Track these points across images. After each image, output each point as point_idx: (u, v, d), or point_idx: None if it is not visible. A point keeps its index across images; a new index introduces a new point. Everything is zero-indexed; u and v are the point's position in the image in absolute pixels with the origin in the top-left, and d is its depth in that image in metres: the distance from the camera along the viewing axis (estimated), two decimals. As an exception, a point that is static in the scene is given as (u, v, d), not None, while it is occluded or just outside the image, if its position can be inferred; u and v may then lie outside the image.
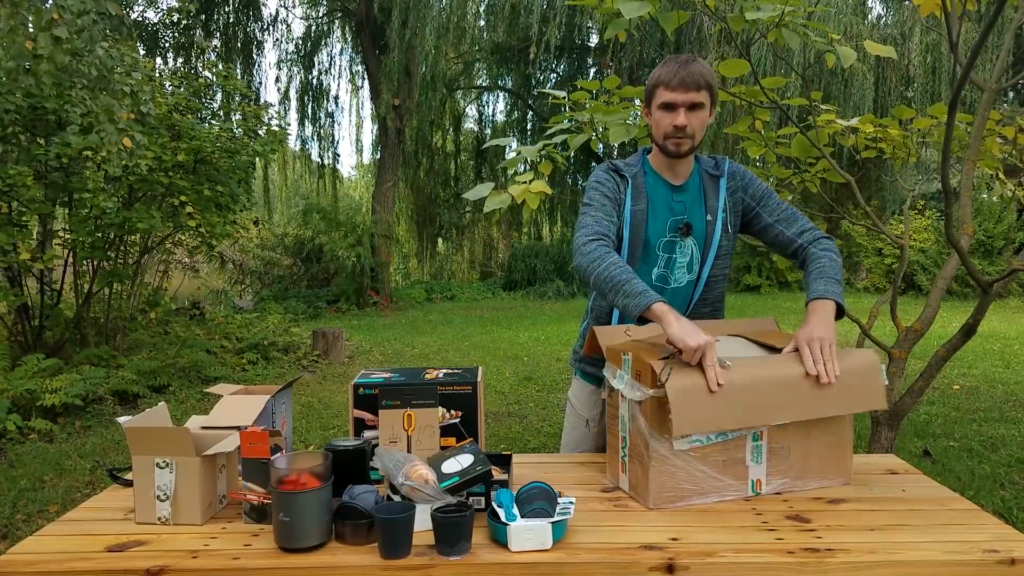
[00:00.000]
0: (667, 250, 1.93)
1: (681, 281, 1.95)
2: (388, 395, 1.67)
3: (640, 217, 1.89)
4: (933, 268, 13.73)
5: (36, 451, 4.43)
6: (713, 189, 1.94)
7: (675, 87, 1.81)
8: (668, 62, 1.84)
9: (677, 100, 1.81)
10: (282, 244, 14.17)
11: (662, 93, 1.83)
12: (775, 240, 1.96)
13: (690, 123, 1.83)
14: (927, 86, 12.30)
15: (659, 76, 1.84)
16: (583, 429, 2.08)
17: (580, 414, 2.09)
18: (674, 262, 1.94)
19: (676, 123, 1.82)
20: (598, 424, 2.06)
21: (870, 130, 3.20)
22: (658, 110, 1.85)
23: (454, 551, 1.28)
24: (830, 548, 1.30)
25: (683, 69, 1.81)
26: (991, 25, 2.14)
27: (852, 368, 1.58)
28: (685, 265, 1.94)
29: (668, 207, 1.93)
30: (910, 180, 13.21)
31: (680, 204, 1.93)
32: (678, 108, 1.82)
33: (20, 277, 5.81)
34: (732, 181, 1.96)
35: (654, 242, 1.92)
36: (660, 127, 1.86)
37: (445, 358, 7.84)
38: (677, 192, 1.94)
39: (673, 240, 1.93)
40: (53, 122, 5.17)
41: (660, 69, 1.85)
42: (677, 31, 11.44)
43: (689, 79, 1.80)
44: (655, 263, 1.93)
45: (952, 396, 5.76)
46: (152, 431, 1.46)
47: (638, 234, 1.90)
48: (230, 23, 14.15)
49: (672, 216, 1.92)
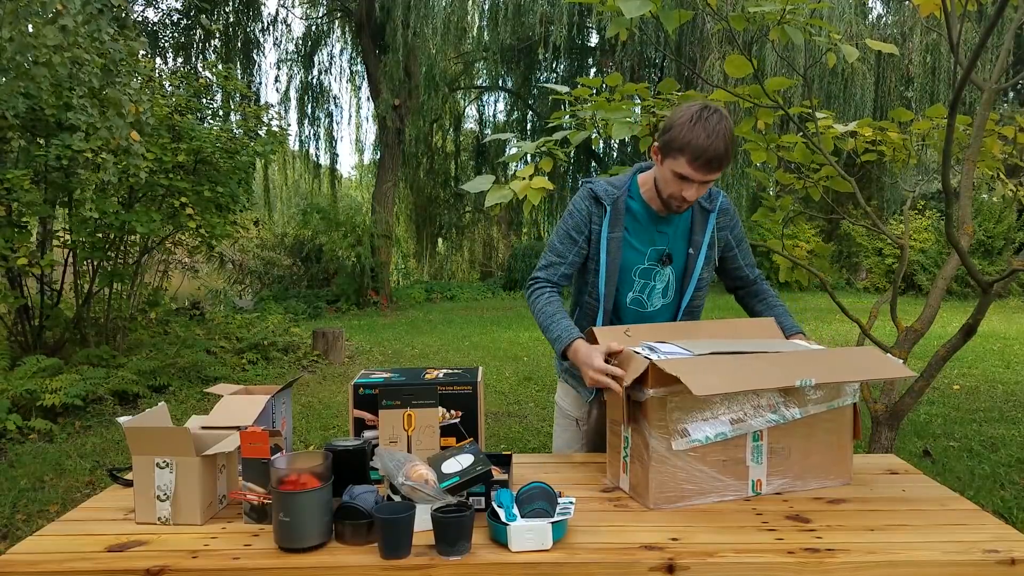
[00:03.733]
0: (644, 276, 1.94)
1: (656, 306, 1.96)
2: (388, 395, 1.67)
3: (616, 244, 1.89)
4: (933, 268, 13.73)
5: (36, 451, 4.43)
6: (701, 223, 1.92)
7: (700, 167, 1.70)
8: (697, 124, 1.68)
9: (697, 179, 1.73)
10: (282, 244, 14.18)
11: (684, 165, 1.71)
12: (741, 277, 2.07)
13: (697, 195, 1.79)
14: (927, 86, 12.30)
15: (688, 143, 1.68)
16: (574, 429, 2.09)
17: (569, 414, 2.10)
18: (651, 288, 1.95)
19: (687, 196, 1.77)
20: (587, 423, 2.07)
21: (869, 133, 3.20)
22: (672, 173, 1.75)
23: (454, 551, 1.28)
24: (830, 548, 1.30)
25: (712, 147, 1.67)
26: (992, 25, 2.13)
27: (865, 352, 1.63)
28: (661, 291, 1.96)
29: (651, 238, 1.92)
30: (910, 180, 13.22)
31: (663, 236, 1.93)
32: (693, 183, 1.74)
33: (20, 278, 5.81)
34: (722, 218, 1.97)
35: (631, 268, 1.93)
36: (668, 187, 1.78)
37: (445, 358, 7.84)
38: (663, 223, 1.92)
39: (651, 268, 1.94)
40: (53, 123, 5.17)
41: (688, 132, 1.68)
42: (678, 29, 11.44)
43: (715, 162, 1.69)
44: (631, 287, 1.95)
45: (952, 396, 5.76)
46: (152, 431, 1.46)
47: (614, 260, 1.90)
48: (230, 23, 14.15)
49: (654, 246, 1.93)
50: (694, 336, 1.75)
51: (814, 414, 1.59)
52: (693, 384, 1.37)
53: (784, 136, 3.13)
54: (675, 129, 1.72)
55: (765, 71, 10.54)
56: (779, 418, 1.55)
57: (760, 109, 2.96)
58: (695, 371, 1.42)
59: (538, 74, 16.57)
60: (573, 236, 1.92)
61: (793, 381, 1.48)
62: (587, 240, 1.92)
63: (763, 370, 1.51)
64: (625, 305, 1.95)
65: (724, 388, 1.41)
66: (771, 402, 1.55)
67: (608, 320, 1.94)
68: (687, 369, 1.42)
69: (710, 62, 11.63)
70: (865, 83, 12.13)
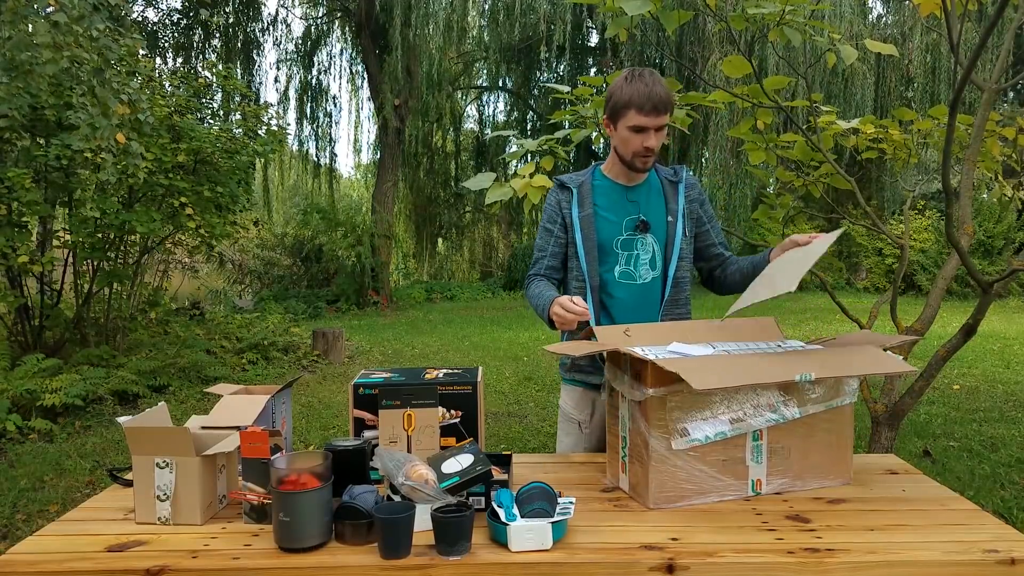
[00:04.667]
0: (627, 248, 1.98)
1: (647, 278, 1.99)
2: (388, 395, 1.67)
3: (587, 222, 1.98)
4: (933, 268, 13.74)
5: (36, 451, 4.43)
6: (673, 193, 2.02)
7: (648, 112, 1.84)
8: (633, 80, 1.86)
9: (649, 124, 1.86)
10: (282, 244, 14.18)
11: (634, 116, 1.86)
12: (714, 256, 2.11)
13: (657, 143, 1.90)
14: (927, 86, 12.30)
15: (629, 98, 1.85)
16: (577, 433, 2.09)
17: (572, 417, 2.10)
18: (636, 259, 1.98)
19: (648, 145, 1.88)
20: (590, 425, 2.08)
21: (871, 131, 3.20)
22: (627, 130, 1.89)
23: (454, 551, 1.28)
24: (830, 548, 1.30)
25: (654, 92, 1.83)
26: (992, 25, 2.13)
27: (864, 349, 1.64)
28: (648, 262, 1.99)
29: (623, 206, 1.99)
30: (910, 180, 13.22)
31: (635, 204, 1.99)
32: (648, 131, 1.87)
33: (20, 278, 5.81)
34: (690, 191, 2.05)
35: (610, 242, 1.98)
36: (629, 146, 1.91)
37: (445, 358, 7.84)
38: (631, 191, 2.00)
39: (631, 238, 1.98)
40: (53, 123, 5.17)
41: (627, 88, 1.86)
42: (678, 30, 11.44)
43: (660, 105, 1.84)
44: (616, 261, 1.98)
45: (952, 396, 5.76)
46: (152, 431, 1.46)
47: (589, 237, 1.98)
48: (230, 23, 14.15)
49: (628, 214, 1.98)
50: (694, 337, 1.75)
51: (813, 414, 1.59)
52: (692, 379, 1.37)
53: (784, 135, 3.13)
54: (616, 94, 1.89)
55: (767, 72, 10.54)
56: (779, 417, 1.55)
57: (759, 109, 2.96)
58: (694, 368, 1.42)
59: (538, 74, 16.56)
60: (548, 227, 2.04)
61: (793, 376, 1.48)
62: (563, 228, 2.02)
63: (762, 366, 1.51)
64: (615, 280, 1.98)
65: (723, 383, 1.41)
66: (770, 401, 1.55)
67: (598, 299, 1.99)
68: (686, 366, 1.42)
69: (711, 62, 11.63)
70: (865, 83, 12.13)
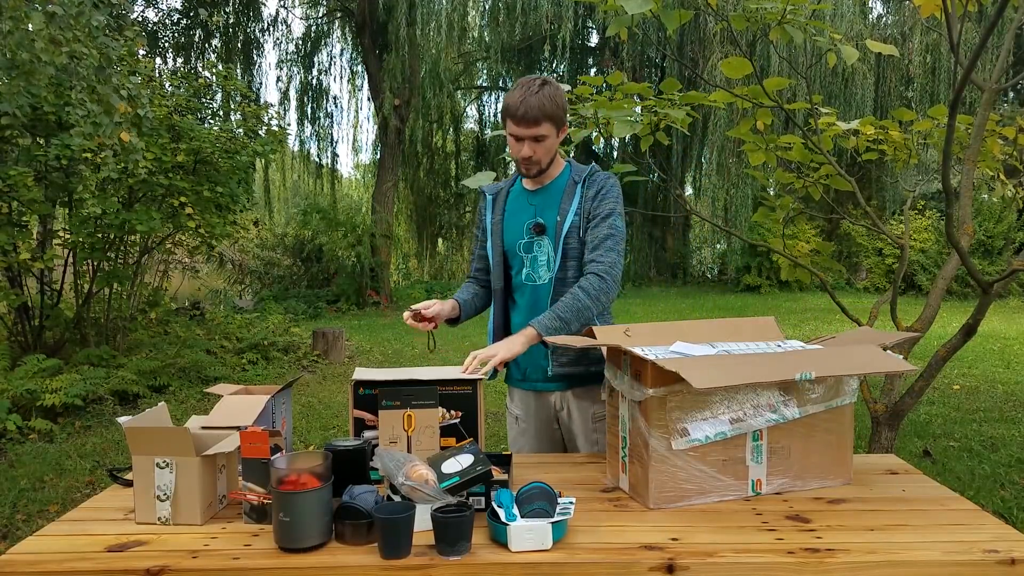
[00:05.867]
0: (527, 250, 2.03)
1: (544, 279, 2.01)
2: (388, 395, 1.67)
3: (496, 227, 2.07)
4: (933, 268, 13.73)
5: (36, 451, 4.43)
6: (571, 194, 2.01)
7: (518, 121, 1.87)
8: (516, 88, 1.88)
9: (520, 134, 1.89)
10: (282, 244, 14.17)
11: (509, 125, 1.90)
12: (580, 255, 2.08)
13: (535, 152, 1.91)
14: (927, 86, 12.30)
15: (507, 104, 1.88)
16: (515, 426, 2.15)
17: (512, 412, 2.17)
18: (535, 260, 2.03)
19: (522, 155, 1.92)
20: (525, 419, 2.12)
21: (871, 132, 3.20)
22: (509, 136, 1.93)
23: (454, 551, 1.28)
24: (830, 548, 1.30)
25: (524, 104, 1.84)
26: (992, 26, 2.13)
27: (864, 348, 1.64)
28: (545, 263, 2.02)
29: (524, 210, 2.04)
30: (910, 180, 13.21)
31: (533, 207, 2.03)
32: (523, 140, 1.90)
33: (20, 277, 5.81)
34: (587, 190, 1.99)
35: (512, 246, 2.04)
36: (512, 151, 1.95)
37: (445, 358, 7.84)
38: (533, 196, 2.05)
39: (531, 241, 2.02)
40: (53, 122, 5.17)
41: (508, 95, 1.90)
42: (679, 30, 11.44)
43: (528, 115, 1.84)
44: (520, 265, 2.04)
45: (952, 396, 5.76)
46: (152, 431, 1.46)
47: (497, 242, 2.07)
48: (230, 23, 14.14)
49: (527, 218, 2.03)
50: (694, 337, 1.75)
51: (813, 414, 1.59)
52: (693, 378, 1.37)
53: (783, 136, 3.13)
54: (503, 100, 1.93)
55: (768, 72, 10.54)
56: (779, 417, 1.55)
57: (759, 109, 2.96)
58: (694, 367, 1.42)
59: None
60: (475, 234, 2.17)
61: (793, 375, 1.48)
62: (484, 233, 2.11)
63: (762, 366, 1.51)
64: (521, 283, 2.04)
65: (724, 381, 1.41)
66: (771, 401, 1.55)
67: (504, 302, 2.08)
68: (686, 366, 1.42)
69: (712, 62, 11.62)
70: (865, 83, 12.14)
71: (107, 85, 4.17)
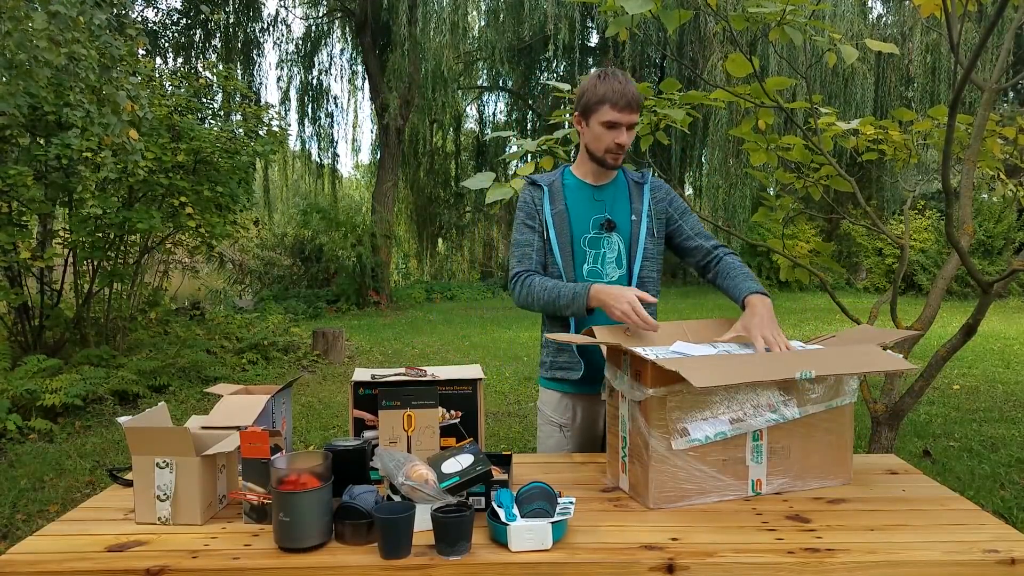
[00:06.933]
0: (593, 246, 2.01)
1: (612, 276, 2.02)
2: (388, 395, 1.67)
3: (561, 218, 2.01)
4: (933, 268, 13.74)
5: (36, 451, 4.43)
6: (638, 194, 2.05)
7: (622, 108, 1.89)
8: (606, 79, 1.91)
9: (622, 120, 1.91)
10: (282, 244, 14.17)
11: (608, 111, 1.90)
12: (694, 249, 2.08)
13: (628, 141, 1.95)
14: (927, 86, 12.30)
15: (603, 93, 1.90)
16: (559, 436, 2.08)
17: (553, 420, 2.10)
18: (603, 257, 2.01)
19: (619, 141, 1.93)
20: (572, 428, 2.07)
21: (871, 132, 3.20)
22: (599, 125, 1.93)
23: (454, 551, 1.28)
24: (830, 548, 1.30)
25: (627, 89, 1.89)
26: (992, 25, 2.13)
27: (864, 347, 1.64)
28: (614, 260, 2.02)
29: (589, 205, 2.03)
30: (910, 180, 13.22)
31: (601, 203, 2.03)
32: (621, 127, 1.92)
33: (21, 277, 5.81)
34: (656, 192, 2.08)
35: (579, 239, 2.02)
36: (601, 142, 1.95)
37: (445, 358, 7.84)
38: (598, 191, 2.05)
39: (598, 236, 2.01)
40: (53, 122, 5.17)
41: (601, 85, 1.91)
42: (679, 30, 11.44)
43: (634, 101, 1.90)
44: (584, 259, 2.02)
45: (952, 396, 5.76)
46: (152, 431, 1.46)
47: (563, 233, 2.01)
48: (230, 23, 14.15)
49: (594, 213, 2.02)
50: (695, 337, 1.75)
51: (813, 413, 1.59)
52: (693, 377, 1.37)
53: (784, 136, 3.13)
54: (588, 92, 1.94)
55: (768, 71, 10.54)
56: (779, 417, 1.55)
57: (760, 109, 2.96)
58: (694, 367, 1.42)
59: (538, 74, 16.56)
60: (529, 224, 2.05)
61: (793, 373, 1.48)
62: (541, 224, 2.05)
63: (763, 365, 1.51)
64: (583, 277, 2.01)
65: (724, 380, 1.41)
66: (771, 401, 1.55)
67: None
68: (686, 365, 1.42)
69: (712, 62, 11.62)
70: (865, 83, 12.14)
71: (112, 84, 4.17)
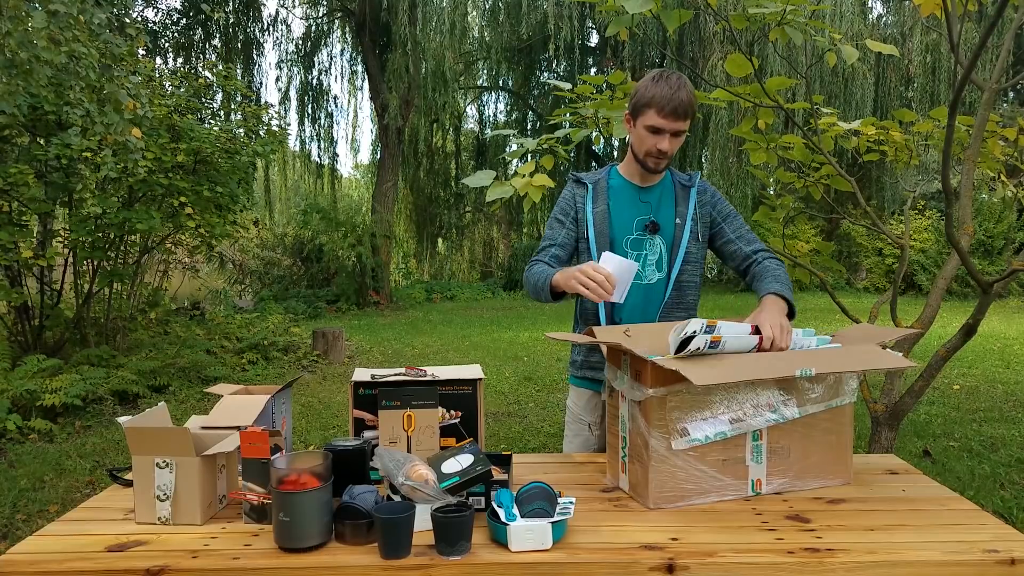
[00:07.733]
0: (635, 247, 2.00)
1: (652, 278, 2.00)
2: (388, 395, 1.67)
3: (602, 216, 2.00)
4: (933, 268, 13.73)
5: (36, 451, 4.43)
6: (684, 197, 2.03)
7: (667, 114, 1.85)
8: (659, 81, 1.87)
9: (666, 127, 1.87)
10: (282, 244, 14.17)
11: (653, 116, 1.87)
12: (733, 253, 2.05)
13: (672, 148, 1.91)
14: (927, 86, 12.30)
15: (652, 97, 1.86)
16: (586, 434, 2.09)
17: (582, 419, 2.10)
18: (644, 259, 2.00)
19: (661, 147, 1.90)
20: (600, 427, 2.07)
21: (872, 132, 3.20)
22: (644, 128, 1.90)
23: (454, 551, 1.28)
24: (830, 548, 1.30)
25: (676, 96, 1.84)
26: (992, 25, 2.13)
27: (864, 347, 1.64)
28: (655, 263, 2.00)
29: (634, 205, 2.01)
30: (910, 180, 13.22)
31: (646, 204, 2.01)
32: (664, 133, 1.88)
33: (21, 276, 5.81)
34: (702, 195, 2.06)
35: (620, 239, 2.00)
36: (643, 144, 1.92)
37: (445, 358, 7.84)
38: (644, 192, 2.02)
39: (641, 238, 2.00)
40: (53, 122, 5.17)
41: (653, 87, 1.87)
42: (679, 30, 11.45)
43: (680, 109, 1.85)
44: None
45: (952, 396, 5.76)
46: (152, 431, 1.46)
47: (603, 232, 1.99)
48: (230, 23, 14.14)
49: (638, 214, 2.00)
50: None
51: (813, 413, 1.59)
52: (693, 376, 1.37)
53: (784, 136, 3.13)
54: (640, 91, 1.90)
55: (768, 71, 10.54)
56: (778, 417, 1.55)
57: (760, 109, 2.96)
58: (694, 366, 1.42)
59: (538, 74, 16.56)
60: (560, 219, 2.05)
61: (793, 372, 1.48)
62: (575, 221, 2.03)
63: (762, 363, 1.51)
64: None
65: (724, 378, 1.41)
66: (770, 401, 1.55)
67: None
68: (686, 364, 1.42)
69: (712, 62, 11.62)
70: (865, 83, 12.14)
71: (113, 83, 4.17)
